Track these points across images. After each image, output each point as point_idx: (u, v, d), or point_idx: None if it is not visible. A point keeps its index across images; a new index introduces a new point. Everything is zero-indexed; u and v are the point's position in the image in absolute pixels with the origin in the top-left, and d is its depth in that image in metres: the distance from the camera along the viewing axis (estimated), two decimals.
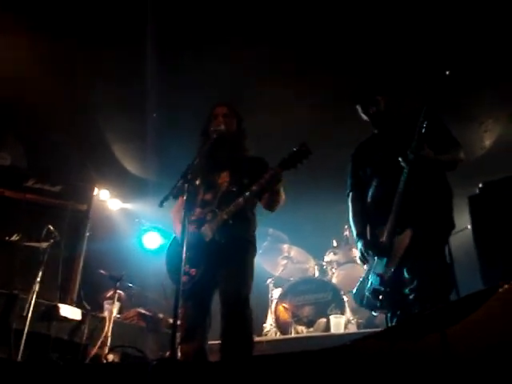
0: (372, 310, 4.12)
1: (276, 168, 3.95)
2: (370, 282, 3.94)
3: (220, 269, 4.01)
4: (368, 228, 4.16)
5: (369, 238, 4.10)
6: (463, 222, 5.01)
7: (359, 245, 4.14)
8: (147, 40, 6.38)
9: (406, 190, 3.74)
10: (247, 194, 3.99)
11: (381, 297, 3.82)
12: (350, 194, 4.39)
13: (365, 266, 6.13)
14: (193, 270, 3.95)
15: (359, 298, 4.05)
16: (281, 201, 4.21)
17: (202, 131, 4.42)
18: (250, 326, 3.98)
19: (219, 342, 3.95)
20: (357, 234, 4.22)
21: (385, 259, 3.85)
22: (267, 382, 2.31)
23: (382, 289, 3.82)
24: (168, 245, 4.39)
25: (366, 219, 4.21)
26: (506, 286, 1.82)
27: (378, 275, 3.86)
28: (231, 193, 4.12)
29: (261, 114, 7.09)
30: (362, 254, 4.10)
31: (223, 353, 3.85)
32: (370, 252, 4.01)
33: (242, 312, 3.92)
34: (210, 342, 4.18)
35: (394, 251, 3.80)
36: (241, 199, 4.00)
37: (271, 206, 4.23)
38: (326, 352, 2.29)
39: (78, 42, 6.53)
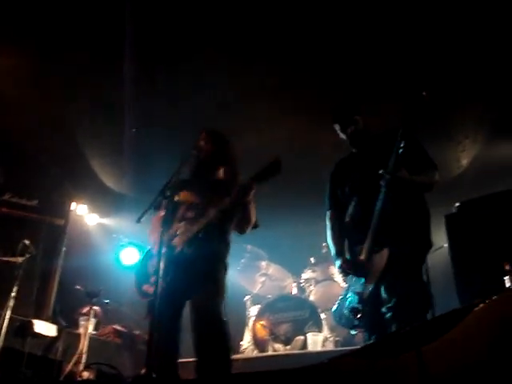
0: (351, 329, 4.12)
1: (248, 180, 3.98)
2: (348, 300, 3.94)
3: (191, 284, 3.98)
4: (346, 246, 4.16)
5: (347, 256, 4.09)
6: (440, 240, 5.04)
7: (337, 264, 4.12)
8: (126, 54, 6.36)
9: (383, 209, 3.76)
10: (219, 206, 3.99)
11: (359, 315, 3.83)
12: (328, 212, 4.39)
13: (343, 284, 6.12)
14: (160, 281, 3.91)
15: (338, 316, 4.05)
16: (250, 221, 4.20)
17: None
18: (228, 342, 3.97)
19: (193, 359, 3.92)
20: (335, 253, 4.20)
21: (363, 278, 3.86)
22: None
23: (361, 307, 3.83)
24: (140, 259, 4.40)
25: (344, 238, 4.20)
26: (482, 305, 1.83)
27: (356, 293, 3.87)
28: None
29: (242, 129, 7.11)
30: (340, 272, 4.11)
31: (200, 370, 3.83)
32: (348, 271, 4.01)
33: (218, 330, 3.91)
34: (183, 360, 4.13)
35: (372, 270, 3.79)
36: (211, 211, 4.00)
37: (242, 224, 4.21)
38: (303, 370, 2.28)
39: (54, 57, 6.49)
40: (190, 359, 4.01)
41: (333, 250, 4.25)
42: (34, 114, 7.17)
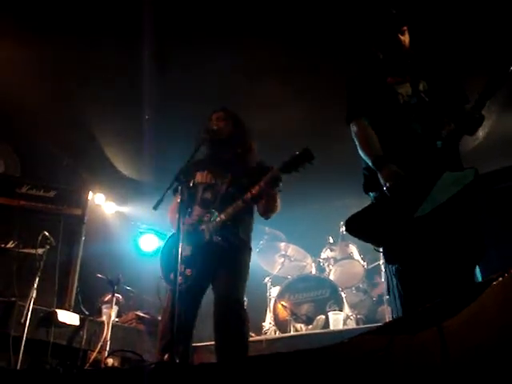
0: None
1: (276, 170, 3.99)
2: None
3: (216, 270, 4.04)
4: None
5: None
6: None
7: (387, 169, 3.28)
8: (142, 41, 6.36)
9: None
10: (247, 196, 4.03)
11: None
12: (360, 120, 3.64)
13: (363, 262, 6.02)
14: (188, 270, 3.97)
15: None
16: (276, 209, 4.28)
17: (198, 136, 4.45)
18: (246, 326, 4.01)
19: (213, 342, 3.98)
20: (377, 157, 3.38)
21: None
22: (267, 381, 2.31)
23: None
24: (163, 244, 4.42)
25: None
26: (501, 279, 1.82)
27: None
28: (230, 194, 4.19)
29: (259, 113, 7.09)
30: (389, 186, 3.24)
31: (219, 353, 3.88)
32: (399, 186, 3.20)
33: (237, 312, 3.95)
34: (205, 344, 4.15)
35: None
36: (240, 201, 4.05)
37: (267, 211, 4.29)
38: (325, 350, 2.28)
39: (69, 45, 6.50)
40: (210, 343, 4.05)
41: (370, 157, 3.42)
42: (50, 105, 7.20)
